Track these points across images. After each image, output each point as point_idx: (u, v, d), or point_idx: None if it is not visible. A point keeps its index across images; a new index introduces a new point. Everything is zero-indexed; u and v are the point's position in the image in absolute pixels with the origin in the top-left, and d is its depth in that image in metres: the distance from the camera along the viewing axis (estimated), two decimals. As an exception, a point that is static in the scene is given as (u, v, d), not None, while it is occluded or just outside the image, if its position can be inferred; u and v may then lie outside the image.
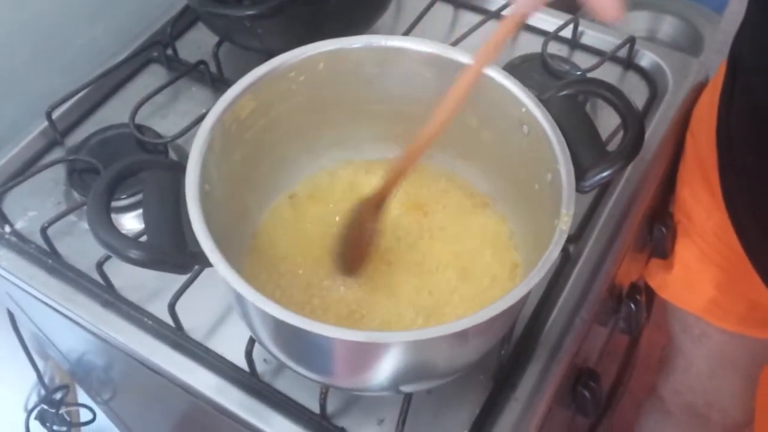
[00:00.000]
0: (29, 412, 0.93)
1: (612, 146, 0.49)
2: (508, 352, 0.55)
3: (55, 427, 0.94)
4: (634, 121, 0.48)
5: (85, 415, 0.99)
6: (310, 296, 0.54)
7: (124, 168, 0.45)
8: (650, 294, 0.79)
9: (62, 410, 0.95)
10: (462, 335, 0.43)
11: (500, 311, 0.41)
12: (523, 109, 0.50)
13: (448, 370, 0.50)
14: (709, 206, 0.69)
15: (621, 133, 0.67)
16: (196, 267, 0.54)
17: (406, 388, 0.51)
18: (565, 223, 0.44)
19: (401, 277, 0.55)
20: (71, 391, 0.99)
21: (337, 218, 0.57)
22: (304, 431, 0.54)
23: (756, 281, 0.62)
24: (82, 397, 1.01)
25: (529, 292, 0.44)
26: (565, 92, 0.50)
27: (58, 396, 0.95)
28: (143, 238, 0.44)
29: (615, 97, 0.48)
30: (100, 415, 0.99)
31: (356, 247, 0.54)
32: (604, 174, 0.47)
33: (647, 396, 0.98)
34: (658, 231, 0.71)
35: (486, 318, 0.41)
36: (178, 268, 0.44)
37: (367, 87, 0.56)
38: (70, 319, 0.61)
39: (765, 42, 0.55)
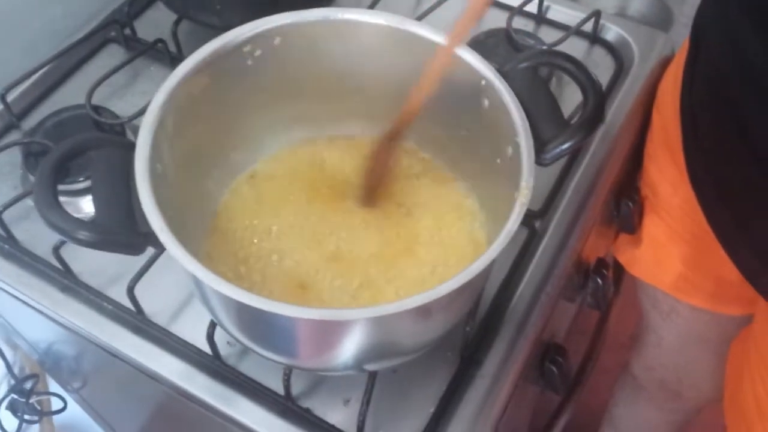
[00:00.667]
0: (-1, 402, 0.92)
1: (577, 121, 0.49)
2: (473, 329, 0.54)
3: (26, 417, 0.93)
4: (594, 92, 0.47)
5: (56, 403, 0.98)
6: (274, 274, 0.53)
7: (71, 147, 0.43)
8: (619, 269, 0.79)
9: (33, 399, 0.94)
10: (423, 310, 0.43)
11: (460, 285, 0.41)
12: (483, 82, 0.49)
13: (412, 347, 0.49)
14: (676, 182, 0.69)
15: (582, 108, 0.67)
16: (155, 250, 0.54)
17: (371, 367, 0.50)
18: (524, 196, 0.43)
19: (365, 251, 0.55)
20: (41, 380, 0.97)
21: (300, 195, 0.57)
22: (270, 413, 0.53)
23: (723, 257, 0.62)
24: (53, 386, 0.99)
25: (490, 266, 0.43)
26: (525, 64, 0.50)
27: (28, 385, 0.94)
28: (99, 221, 0.43)
29: (575, 68, 0.48)
30: (72, 404, 0.98)
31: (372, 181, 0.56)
32: (564, 146, 0.46)
33: (621, 374, 0.99)
34: (625, 206, 0.71)
35: (445, 292, 0.40)
36: (129, 248, 0.43)
37: (327, 62, 0.55)
38: (29, 305, 0.59)
39: (725, 14, 0.55)
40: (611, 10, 1.23)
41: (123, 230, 0.42)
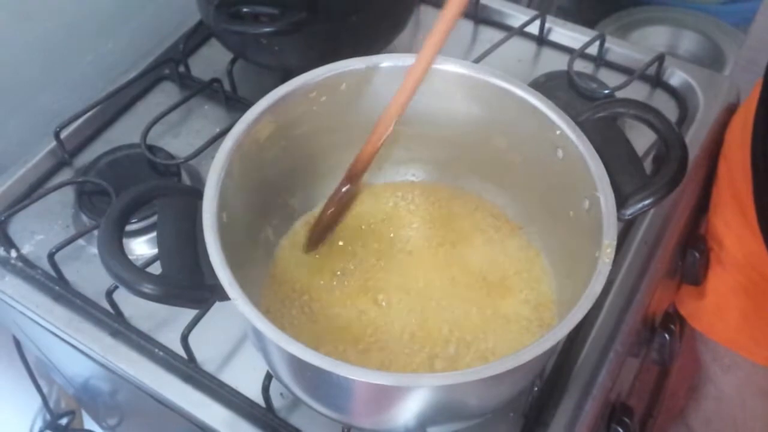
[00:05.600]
0: (35, 438, 0.91)
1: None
2: (539, 388, 0.52)
3: (61, 454, 0.92)
4: (677, 146, 0.45)
5: (91, 441, 0.96)
6: (328, 327, 0.52)
7: (137, 195, 0.42)
8: (682, 322, 0.76)
9: (67, 436, 0.93)
10: (495, 378, 0.40)
11: (539, 354, 0.38)
12: (558, 132, 0.47)
13: (477, 412, 0.47)
14: (742, 235, 0.66)
15: (651, 156, 0.65)
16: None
17: (433, 430, 0.48)
18: (607, 255, 0.41)
19: (425, 307, 0.53)
20: (77, 416, 0.96)
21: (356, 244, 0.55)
22: (324, 471, 0.51)
23: None
24: (88, 422, 0.98)
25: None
26: (601, 114, 0.48)
27: (63, 421, 0.93)
28: (154, 265, 0.41)
29: (657, 120, 0.46)
30: (107, 442, 0.97)
31: (320, 224, 0.54)
32: (647, 202, 0.44)
33: (675, 424, 0.95)
34: (691, 256, 0.68)
35: (524, 361, 0.38)
36: (195, 303, 0.41)
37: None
38: (77, 348, 0.58)
39: None
40: (661, 49, 1.21)
41: (189, 283, 0.40)
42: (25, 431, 0.92)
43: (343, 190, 0.53)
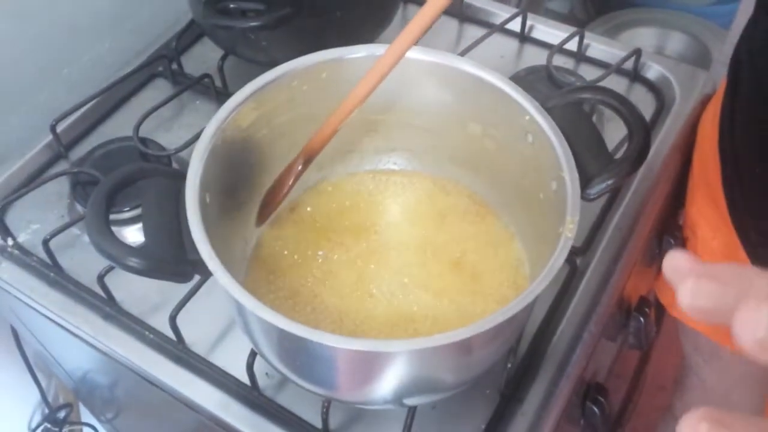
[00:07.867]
0: (32, 431, 0.93)
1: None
2: (514, 366, 0.53)
3: (58, 446, 0.93)
4: (640, 128, 0.47)
5: (88, 434, 0.98)
6: (311, 308, 0.54)
7: (123, 175, 0.44)
8: (660, 309, 0.78)
9: (65, 429, 0.94)
10: (466, 345, 0.42)
11: (504, 320, 0.40)
12: (527, 117, 0.49)
13: (453, 383, 0.48)
14: (715, 225, 0.68)
15: (627, 144, 0.67)
16: (198, 279, 0.54)
17: (410, 401, 0.50)
18: (570, 231, 0.43)
19: (406, 291, 0.55)
20: (74, 409, 0.98)
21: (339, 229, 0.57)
22: (307, 446, 0.53)
23: None
24: (86, 415, 1.00)
25: (534, 301, 0.43)
26: (569, 100, 0.50)
27: (61, 415, 0.95)
28: (145, 250, 0.43)
29: (619, 103, 0.48)
30: (104, 434, 0.99)
31: (272, 197, 0.54)
32: (610, 182, 0.46)
33: (661, 415, 0.96)
34: (667, 243, 0.70)
35: (490, 326, 0.40)
36: (177, 276, 0.43)
37: (371, 97, 0.55)
38: (71, 332, 0.60)
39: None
40: (649, 49, 1.23)
41: (172, 258, 0.42)
42: (24, 424, 0.94)
43: (297, 167, 0.53)
